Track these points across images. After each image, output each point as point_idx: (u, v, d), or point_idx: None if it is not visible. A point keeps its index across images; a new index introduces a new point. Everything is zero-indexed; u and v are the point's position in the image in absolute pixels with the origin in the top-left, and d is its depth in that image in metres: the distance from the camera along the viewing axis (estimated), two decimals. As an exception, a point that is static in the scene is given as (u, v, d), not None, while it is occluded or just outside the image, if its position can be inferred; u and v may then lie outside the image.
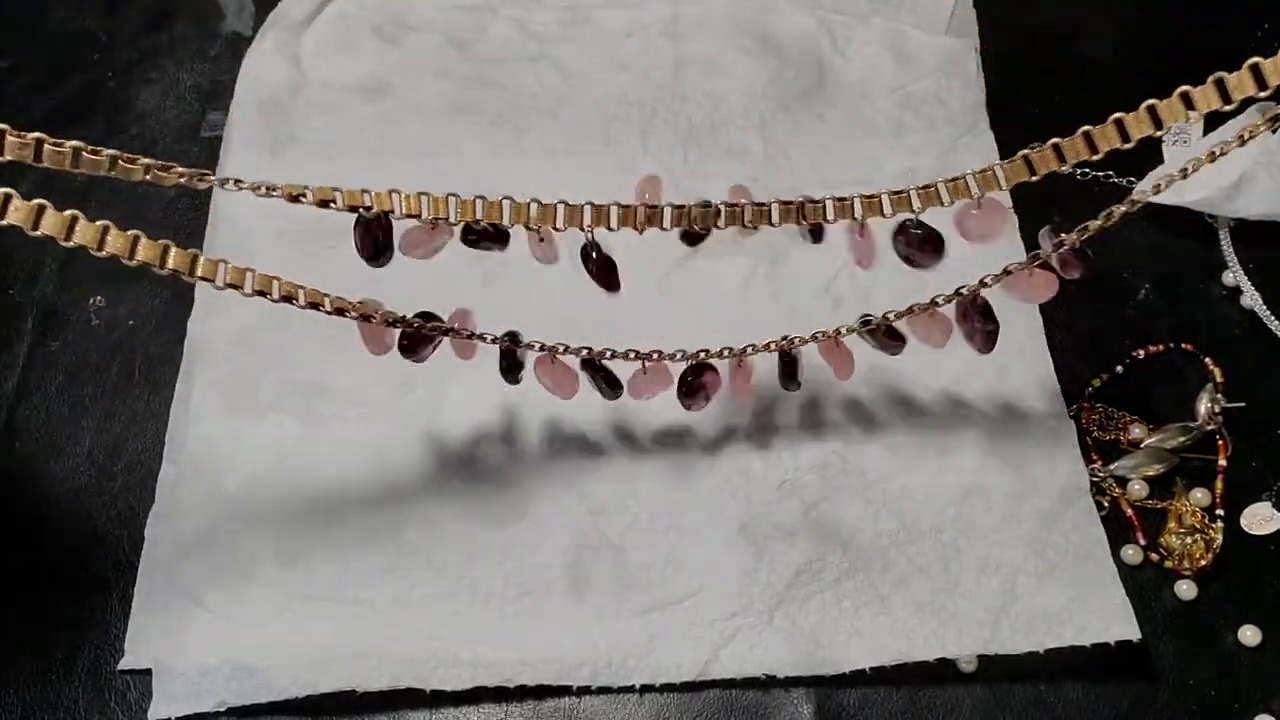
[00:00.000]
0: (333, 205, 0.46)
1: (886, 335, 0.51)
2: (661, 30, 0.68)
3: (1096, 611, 0.50)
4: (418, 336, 0.50)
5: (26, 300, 0.61)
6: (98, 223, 0.42)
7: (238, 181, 0.44)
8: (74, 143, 0.42)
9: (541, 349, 0.51)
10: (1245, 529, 0.54)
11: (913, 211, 0.47)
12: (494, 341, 0.51)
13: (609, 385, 0.52)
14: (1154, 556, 0.53)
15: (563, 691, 0.50)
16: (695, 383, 0.52)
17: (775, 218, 0.46)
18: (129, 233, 0.43)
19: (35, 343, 0.59)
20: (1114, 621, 0.50)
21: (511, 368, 0.52)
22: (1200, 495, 0.54)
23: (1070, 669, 0.51)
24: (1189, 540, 0.53)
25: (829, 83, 0.67)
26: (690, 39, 0.68)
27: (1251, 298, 0.60)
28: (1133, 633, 0.50)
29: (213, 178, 0.44)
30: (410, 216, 0.46)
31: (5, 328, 0.60)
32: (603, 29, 0.68)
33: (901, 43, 0.68)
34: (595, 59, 0.67)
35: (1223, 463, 0.55)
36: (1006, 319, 0.58)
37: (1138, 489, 0.55)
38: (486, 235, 0.48)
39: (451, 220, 0.46)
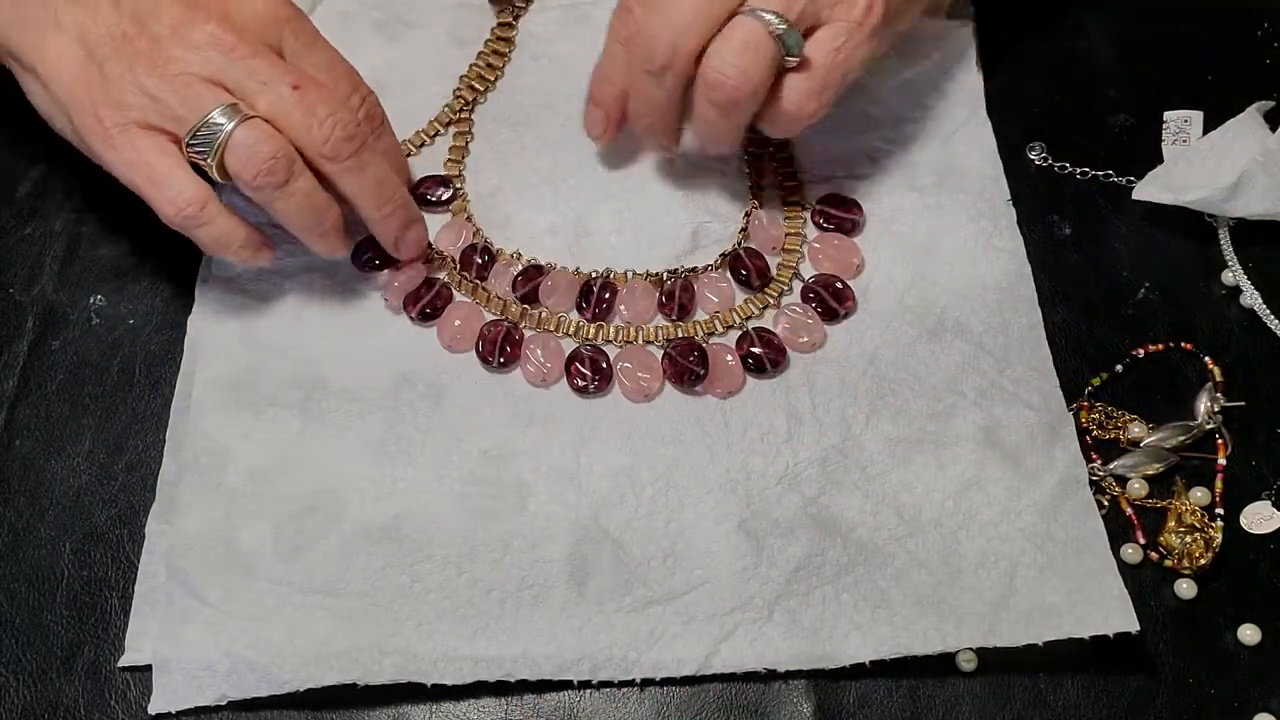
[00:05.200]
0: None
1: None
2: None
3: (1095, 604, 0.50)
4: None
5: (26, 300, 0.60)
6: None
7: None
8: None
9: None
10: (1245, 528, 0.54)
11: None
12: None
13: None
14: (1154, 555, 0.53)
15: (563, 687, 0.50)
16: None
17: None
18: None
19: (35, 342, 0.59)
20: (1113, 613, 0.50)
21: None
22: (1200, 494, 0.54)
23: (1070, 666, 0.51)
24: (1189, 539, 0.53)
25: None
26: None
27: (1251, 297, 0.60)
28: (1131, 625, 0.50)
29: None
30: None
31: (5, 328, 0.59)
32: (601, 22, 0.68)
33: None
34: (594, 51, 0.67)
35: (1222, 461, 0.55)
36: (1006, 316, 0.58)
37: (1137, 488, 0.55)
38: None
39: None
